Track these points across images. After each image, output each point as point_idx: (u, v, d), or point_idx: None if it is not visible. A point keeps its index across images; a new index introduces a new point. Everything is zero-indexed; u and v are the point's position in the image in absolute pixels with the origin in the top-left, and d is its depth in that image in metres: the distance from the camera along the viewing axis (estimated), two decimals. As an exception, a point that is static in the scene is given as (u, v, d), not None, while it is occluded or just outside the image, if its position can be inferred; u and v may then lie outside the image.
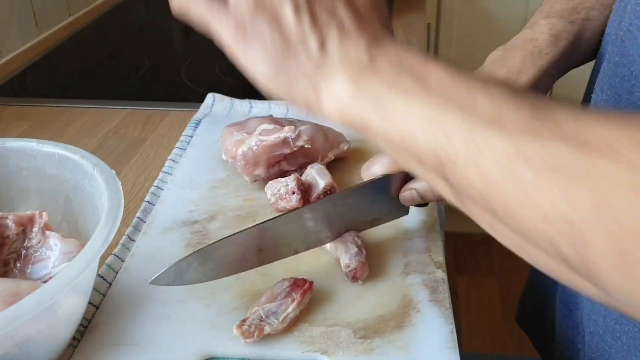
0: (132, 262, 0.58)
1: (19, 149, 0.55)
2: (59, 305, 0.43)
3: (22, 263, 0.51)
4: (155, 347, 0.49)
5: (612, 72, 0.48)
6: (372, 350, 0.47)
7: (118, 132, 0.85)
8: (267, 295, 0.51)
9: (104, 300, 0.54)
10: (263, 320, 0.49)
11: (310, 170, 0.63)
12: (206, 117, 0.84)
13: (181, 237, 0.61)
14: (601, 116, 0.29)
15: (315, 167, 0.63)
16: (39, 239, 0.51)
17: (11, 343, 0.39)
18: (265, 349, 0.48)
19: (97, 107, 0.92)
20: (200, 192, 0.68)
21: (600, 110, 0.39)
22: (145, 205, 0.65)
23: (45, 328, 0.42)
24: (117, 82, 1.03)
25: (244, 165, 0.66)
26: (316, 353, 0.47)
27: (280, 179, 0.62)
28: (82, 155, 0.53)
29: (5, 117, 0.90)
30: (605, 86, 0.49)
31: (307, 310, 0.51)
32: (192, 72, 1.05)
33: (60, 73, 1.08)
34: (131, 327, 0.51)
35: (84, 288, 0.46)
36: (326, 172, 0.62)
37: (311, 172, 0.63)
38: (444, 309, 0.51)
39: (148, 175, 0.74)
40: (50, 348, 0.44)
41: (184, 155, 0.75)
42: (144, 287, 0.54)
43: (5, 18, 1.08)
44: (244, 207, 0.65)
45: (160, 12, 1.41)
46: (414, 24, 1.23)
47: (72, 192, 0.54)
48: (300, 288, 0.51)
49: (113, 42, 1.23)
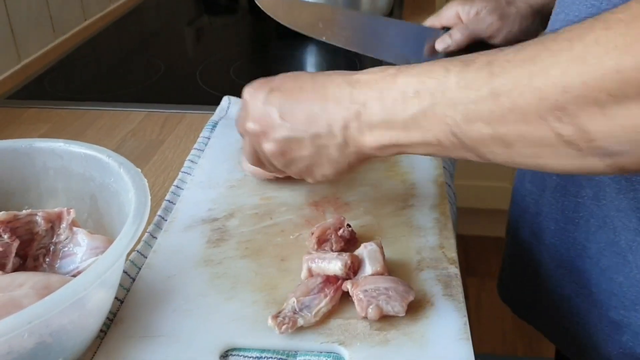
0: (155, 259, 0.60)
1: (46, 149, 0.57)
2: (89, 298, 0.45)
3: (51, 258, 0.53)
4: (178, 339, 0.51)
5: None
6: (388, 341, 0.49)
7: (136, 134, 0.87)
8: (300, 289, 0.53)
9: (128, 295, 0.56)
10: (297, 313, 0.51)
11: (363, 250, 0.56)
12: (222, 120, 0.86)
13: (202, 234, 0.63)
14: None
15: (369, 248, 0.56)
16: (67, 235, 0.53)
17: (46, 332, 0.41)
18: (285, 340, 0.50)
19: (114, 110, 0.94)
20: (219, 191, 0.70)
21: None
22: (166, 204, 0.67)
23: (76, 319, 0.44)
24: (134, 85, 1.05)
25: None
26: (334, 344, 0.49)
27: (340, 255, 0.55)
28: (109, 155, 0.55)
29: (25, 120, 0.93)
30: None
31: (338, 306, 0.53)
32: (207, 75, 1.08)
33: (77, 76, 1.11)
34: (155, 320, 0.52)
35: (111, 282, 0.48)
36: (378, 257, 0.55)
37: (363, 252, 0.56)
38: (457, 303, 0.52)
39: (167, 176, 0.76)
40: (80, 339, 0.46)
41: (202, 156, 0.77)
42: (166, 282, 0.57)
43: (23, 23, 1.11)
44: (261, 205, 0.67)
45: (173, 17, 1.44)
46: (424, 28, 1.25)
47: (98, 190, 0.56)
48: (333, 285, 0.53)
49: (128, 46, 1.26)
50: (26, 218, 0.53)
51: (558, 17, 0.60)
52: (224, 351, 0.50)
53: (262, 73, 1.14)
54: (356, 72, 0.51)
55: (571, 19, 0.56)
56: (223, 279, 0.57)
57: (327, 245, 0.58)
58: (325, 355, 0.49)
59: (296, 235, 0.62)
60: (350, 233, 0.59)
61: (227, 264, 0.58)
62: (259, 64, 1.19)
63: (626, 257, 0.57)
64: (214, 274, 0.57)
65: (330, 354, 0.49)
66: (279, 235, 0.63)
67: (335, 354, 0.49)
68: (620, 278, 0.59)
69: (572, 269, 0.64)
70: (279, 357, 0.49)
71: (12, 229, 0.52)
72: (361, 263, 0.55)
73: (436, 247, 0.59)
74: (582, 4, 0.55)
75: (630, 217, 0.55)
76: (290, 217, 0.65)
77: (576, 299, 0.64)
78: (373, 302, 0.50)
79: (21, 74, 1.09)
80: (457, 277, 0.55)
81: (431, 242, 0.60)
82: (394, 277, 0.53)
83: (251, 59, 1.20)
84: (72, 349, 0.45)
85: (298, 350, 0.50)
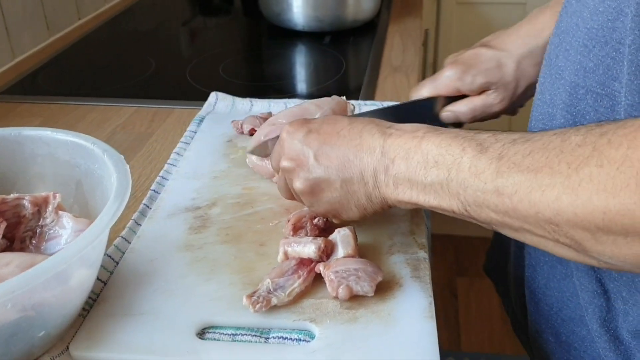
0: (138, 244, 0.62)
1: (34, 136, 0.60)
2: (70, 273, 0.47)
3: (37, 240, 0.56)
4: (159, 317, 0.53)
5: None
6: (357, 319, 0.51)
7: (126, 128, 0.90)
8: (275, 271, 0.55)
9: (111, 277, 0.58)
10: (271, 292, 0.53)
11: (337, 235, 0.59)
12: (209, 115, 0.88)
13: (184, 222, 0.65)
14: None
15: (342, 233, 0.59)
16: (53, 218, 0.56)
17: (29, 304, 0.44)
18: (259, 318, 0.52)
19: (105, 105, 0.97)
20: (202, 181, 0.72)
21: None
22: (151, 193, 0.70)
23: (59, 294, 0.47)
24: (124, 81, 1.08)
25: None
26: (305, 322, 0.52)
27: (314, 240, 0.58)
28: (93, 142, 0.57)
29: (19, 114, 0.95)
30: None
31: (311, 287, 0.55)
32: (197, 73, 1.10)
33: (70, 73, 1.13)
34: (136, 300, 0.55)
35: (93, 260, 0.51)
36: (350, 241, 0.58)
37: (337, 236, 0.59)
38: (424, 284, 0.55)
39: (154, 167, 0.79)
40: (63, 313, 0.49)
41: (188, 149, 0.80)
42: (148, 265, 0.59)
43: (18, 21, 1.14)
44: (243, 195, 0.70)
45: (168, 17, 1.46)
46: (411, 29, 1.28)
47: (84, 176, 0.59)
48: (306, 267, 0.55)
49: (121, 44, 1.28)
50: (14, 202, 0.55)
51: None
52: (202, 329, 0.53)
53: (250, 71, 1.18)
54: (391, 125, 0.54)
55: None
56: (203, 262, 0.59)
57: (302, 232, 0.61)
58: (297, 332, 0.52)
59: (275, 223, 0.65)
60: (325, 223, 0.62)
61: (207, 249, 0.61)
62: (248, 62, 1.22)
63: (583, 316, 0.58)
64: (194, 257, 0.60)
65: (302, 331, 0.52)
66: (259, 222, 0.65)
67: (307, 330, 0.52)
68: (583, 332, 0.59)
69: (538, 311, 0.64)
70: (253, 334, 0.52)
71: (0, 212, 0.54)
72: (334, 247, 0.57)
73: (407, 233, 0.62)
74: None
75: (592, 277, 0.55)
76: (270, 205, 0.68)
77: (544, 341, 0.64)
78: (343, 282, 0.53)
79: (15, 70, 1.12)
80: (425, 260, 0.58)
81: (403, 228, 0.62)
82: (365, 259, 0.55)
83: (241, 58, 1.23)
84: (54, 323, 0.48)
85: (272, 328, 0.52)
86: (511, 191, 0.43)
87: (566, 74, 0.54)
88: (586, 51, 0.52)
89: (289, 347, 0.50)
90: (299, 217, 0.61)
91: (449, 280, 2.09)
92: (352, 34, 1.27)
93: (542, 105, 0.59)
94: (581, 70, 0.52)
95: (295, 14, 1.24)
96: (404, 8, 1.41)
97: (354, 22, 1.27)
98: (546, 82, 0.58)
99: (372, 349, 0.49)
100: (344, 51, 1.20)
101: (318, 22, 1.24)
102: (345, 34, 1.26)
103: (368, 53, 1.17)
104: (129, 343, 0.51)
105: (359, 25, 1.28)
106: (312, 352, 0.49)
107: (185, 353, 0.50)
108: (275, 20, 1.29)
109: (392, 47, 1.19)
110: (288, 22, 1.26)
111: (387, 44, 1.21)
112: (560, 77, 0.55)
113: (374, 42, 1.22)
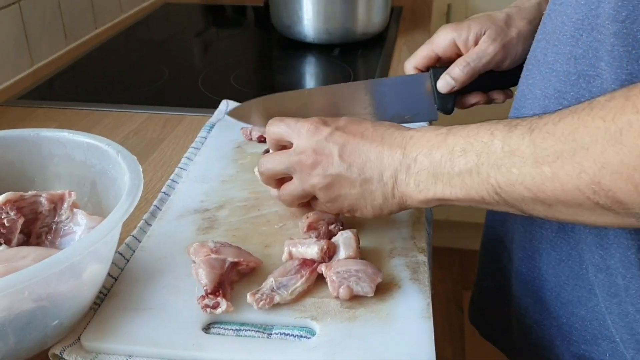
0: (148, 243, 0.65)
1: (52, 138, 0.62)
2: (83, 267, 0.49)
3: (53, 236, 0.58)
4: (166, 312, 0.55)
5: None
6: (356, 317, 0.53)
7: (138, 133, 0.93)
8: (279, 271, 0.57)
9: (122, 274, 0.60)
10: (274, 291, 0.55)
11: (339, 237, 0.61)
12: (220, 122, 0.91)
13: (193, 223, 0.68)
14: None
15: (344, 235, 0.60)
16: (68, 215, 0.58)
17: (44, 294, 0.46)
18: (262, 315, 0.54)
19: (119, 111, 1.00)
20: (211, 185, 0.75)
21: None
22: (161, 195, 0.72)
23: (72, 287, 0.49)
24: (138, 89, 1.11)
25: None
26: (307, 319, 0.54)
27: (318, 241, 0.60)
28: (107, 144, 0.60)
29: (35, 118, 0.98)
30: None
31: (313, 286, 0.57)
32: (208, 81, 1.13)
33: (86, 80, 1.16)
34: (145, 295, 0.57)
35: (104, 256, 0.53)
36: (352, 244, 0.60)
37: (339, 239, 0.61)
38: (422, 286, 0.57)
39: (165, 171, 0.82)
40: (75, 304, 0.51)
41: (198, 154, 0.82)
42: (157, 263, 0.61)
43: (37, 29, 1.17)
44: (250, 198, 0.72)
45: (182, 28, 1.50)
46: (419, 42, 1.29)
47: (98, 176, 0.61)
48: (309, 267, 0.57)
49: (135, 53, 1.31)
50: (31, 198, 0.58)
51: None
52: (207, 324, 0.55)
53: (261, 81, 1.21)
54: (410, 129, 0.57)
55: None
56: (210, 262, 0.61)
57: (315, 233, 0.63)
58: (298, 329, 0.54)
59: (281, 225, 0.67)
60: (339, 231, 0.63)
61: (214, 249, 0.63)
62: (259, 72, 1.25)
63: (592, 291, 0.58)
64: (202, 257, 0.62)
65: (303, 328, 0.54)
66: (264, 225, 0.67)
67: (308, 328, 0.54)
68: (582, 312, 0.60)
69: (537, 299, 0.65)
70: (256, 329, 0.54)
71: (18, 208, 0.57)
72: (336, 248, 0.59)
73: (408, 237, 0.64)
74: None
75: (594, 253, 0.56)
76: (276, 209, 0.70)
77: (541, 329, 0.66)
78: (344, 282, 0.55)
79: (33, 76, 1.15)
80: (425, 264, 0.60)
81: (404, 233, 0.64)
82: (365, 260, 0.57)
83: (252, 68, 1.26)
84: (67, 313, 0.50)
85: (274, 325, 0.54)
86: (552, 159, 0.43)
87: (557, 66, 0.56)
88: (574, 40, 0.53)
89: (290, 342, 0.52)
90: (317, 219, 0.63)
91: (454, 293, 2.10)
92: (361, 47, 1.29)
93: (534, 100, 0.60)
94: (572, 59, 0.54)
95: (306, 26, 1.27)
96: (412, 22, 1.44)
97: (363, 35, 1.30)
98: (535, 79, 0.60)
99: (370, 345, 0.51)
100: (352, 63, 1.23)
101: (328, 34, 1.27)
102: (354, 47, 1.29)
103: (376, 65, 1.20)
104: (138, 335, 0.53)
105: (368, 38, 1.31)
106: (313, 348, 0.51)
107: (191, 346, 0.52)
108: (286, 32, 1.32)
109: (399, 60, 1.22)
110: (298, 35, 1.29)
111: (394, 57, 1.23)
112: (552, 70, 0.57)
113: (382, 55, 1.25)
